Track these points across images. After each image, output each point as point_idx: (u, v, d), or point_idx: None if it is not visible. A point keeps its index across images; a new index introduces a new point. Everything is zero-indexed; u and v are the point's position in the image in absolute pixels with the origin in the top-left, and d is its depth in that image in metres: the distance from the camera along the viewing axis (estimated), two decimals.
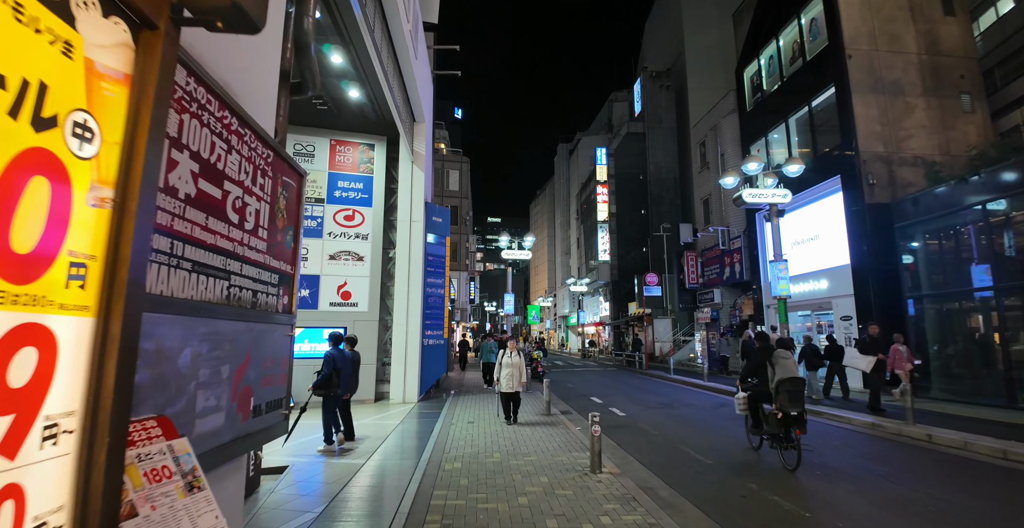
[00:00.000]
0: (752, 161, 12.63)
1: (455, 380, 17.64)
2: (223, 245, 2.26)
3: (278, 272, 2.85)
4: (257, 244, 2.60)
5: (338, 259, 11.92)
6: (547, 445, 7.18)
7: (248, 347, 2.48)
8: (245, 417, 2.48)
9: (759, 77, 18.94)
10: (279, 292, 2.86)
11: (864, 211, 13.86)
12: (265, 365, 2.68)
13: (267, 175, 2.71)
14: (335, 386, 7.11)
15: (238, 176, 2.41)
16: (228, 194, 2.33)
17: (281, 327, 2.89)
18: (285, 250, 2.96)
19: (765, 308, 18.12)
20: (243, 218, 2.46)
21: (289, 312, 3.01)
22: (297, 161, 10.55)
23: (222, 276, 2.25)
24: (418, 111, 12.08)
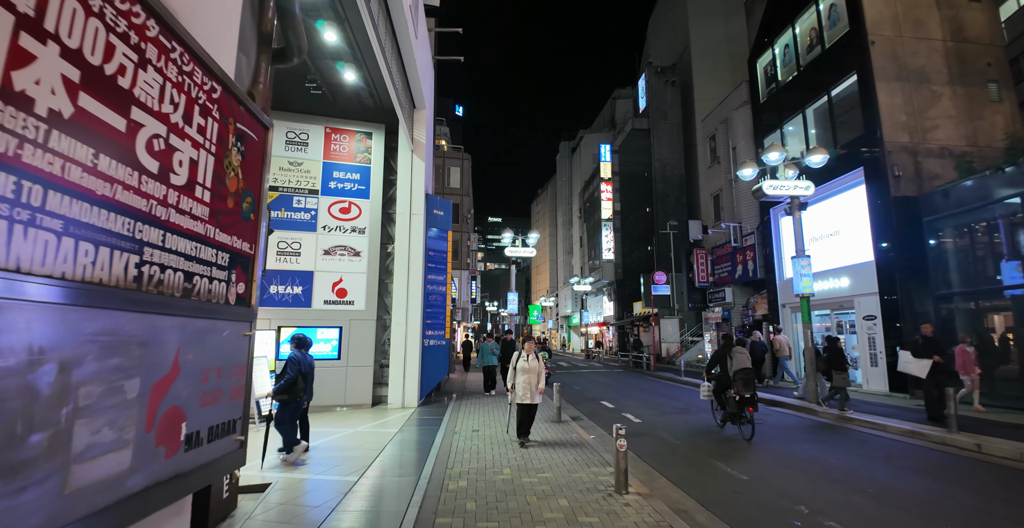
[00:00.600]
0: (773, 151, 11.89)
1: (457, 383, 16.89)
2: (128, 200, 1.52)
3: (229, 250, 2.11)
4: (193, 207, 1.86)
5: (333, 254, 11.18)
6: (562, 458, 6.43)
7: (175, 352, 1.74)
8: (172, 451, 1.75)
9: (773, 67, 18.19)
10: (230, 277, 2.12)
11: (890, 205, 13.11)
12: (206, 377, 1.94)
13: (211, 115, 1.97)
14: (300, 391, 6.41)
15: (158, 106, 1.66)
16: (139, 128, 1.58)
17: (233, 324, 2.15)
18: (240, 222, 2.22)
19: (780, 307, 17.37)
20: (168, 167, 1.71)
21: (246, 305, 2.27)
22: (291, 149, 9.59)
23: (127, 247, 1.51)
24: (418, 97, 11.34)
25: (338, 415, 9.99)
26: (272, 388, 6.41)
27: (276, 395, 6.33)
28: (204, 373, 1.93)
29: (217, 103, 2.02)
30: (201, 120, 1.91)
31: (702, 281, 22.34)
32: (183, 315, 1.78)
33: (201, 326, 1.90)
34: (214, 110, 1.99)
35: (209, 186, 1.96)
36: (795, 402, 11.46)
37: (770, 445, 7.64)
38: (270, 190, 11.01)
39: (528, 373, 7.19)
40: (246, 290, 2.26)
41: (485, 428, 8.37)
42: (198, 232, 1.88)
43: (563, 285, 57.09)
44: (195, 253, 1.87)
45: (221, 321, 2.04)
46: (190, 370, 1.84)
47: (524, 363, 7.29)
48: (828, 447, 7.59)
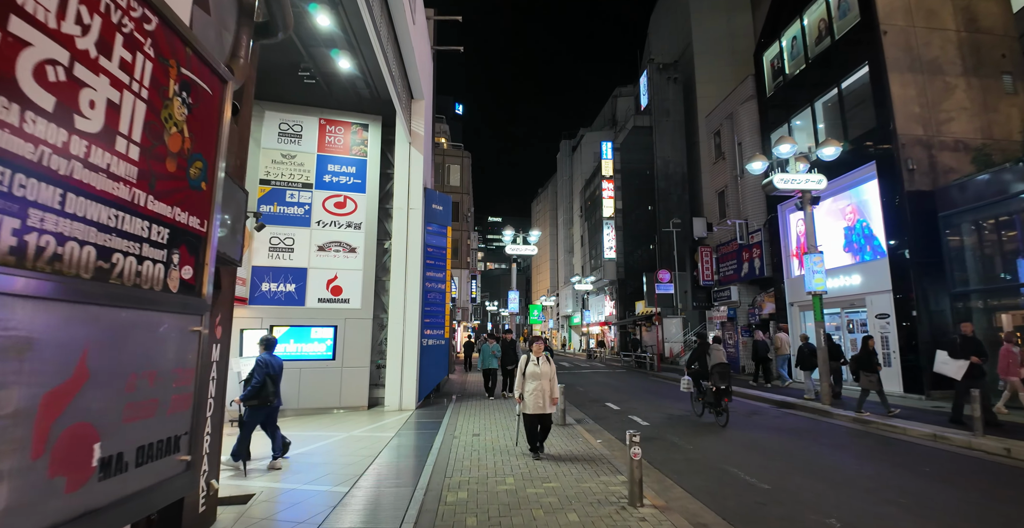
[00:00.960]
0: (784, 143, 11.46)
1: (457, 384, 16.47)
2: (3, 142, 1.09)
3: (168, 224, 1.68)
4: (113, 164, 1.43)
5: (328, 250, 10.76)
6: (569, 466, 6.01)
7: (81, 352, 1.32)
8: (78, 482, 1.33)
9: (780, 60, 17.76)
10: (169, 257, 1.69)
11: (904, 199, 12.68)
12: (133, 384, 1.51)
13: (141, 51, 1.55)
14: (271, 395, 6.02)
15: (56, 22, 1.24)
16: (23, 47, 1.16)
17: (174, 318, 1.73)
18: (187, 191, 1.80)
19: (788, 306, 16.94)
20: (71, 107, 1.29)
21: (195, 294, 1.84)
22: (284, 141, 8.88)
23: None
24: (416, 87, 10.92)
25: (332, 418, 9.56)
26: (240, 395, 6.02)
27: (246, 401, 5.94)
28: (129, 379, 1.51)
29: (152, 38, 1.59)
30: (126, 54, 1.48)
31: (707, 279, 21.90)
32: (94, 303, 1.35)
33: (124, 319, 1.47)
34: (146, 45, 1.56)
35: (138, 140, 1.54)
36: (807, 403, 11.04)
37: (788, 450, 7.22)
38: (261, 183, 10.59)
39: (539, 379, 6.32)
40: (195, 276, 1.83)
41: (486, 432, 7.94)
42: (120, 197, 1.46)
43: (564, 284, 56.67)
44: (115, 223, 1.44)
45: (155, 313, 1.61)
46: (106, 375, 1.41)
47: (533, 367, 6.38)
48: (848, 452, 7.17)
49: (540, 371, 6.36)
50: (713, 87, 30.02)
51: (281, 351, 10.21)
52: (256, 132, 10.72)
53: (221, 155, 2.02)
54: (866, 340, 9.98)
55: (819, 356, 11.30)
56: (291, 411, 10.06)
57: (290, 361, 10.15)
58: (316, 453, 6.71)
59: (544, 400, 6.29)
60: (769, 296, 18.38)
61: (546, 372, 6.40)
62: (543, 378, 6.35)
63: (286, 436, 6.34)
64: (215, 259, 1.99)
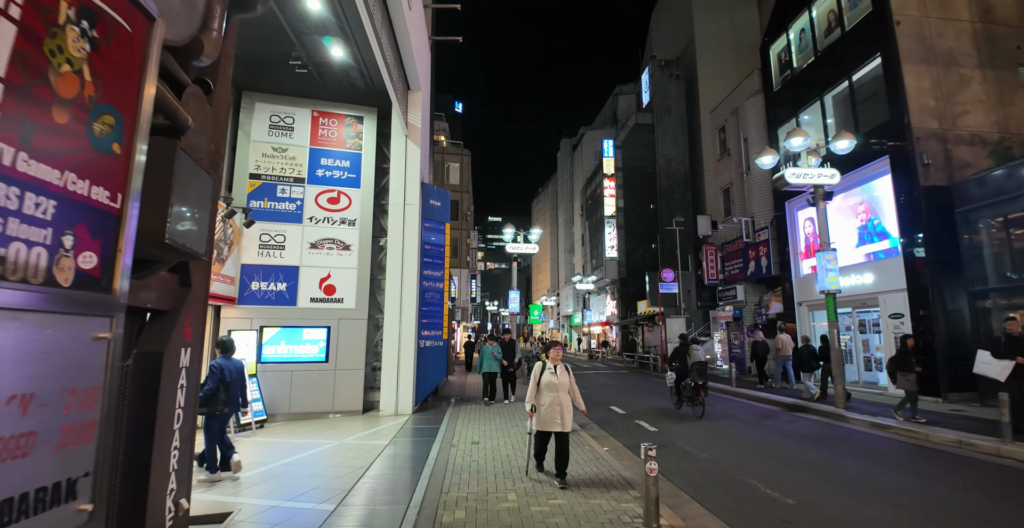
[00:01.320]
0: (796, 136, 11.02)
1: (456, 386, 16.02)
2: None
3: (55, 194, 1.23)
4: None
5: (321, 248, 10.31)
6: (575, 479, 5.55)
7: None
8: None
9: (788, 53, 17.31)
10: (57, 239, 1.24)
11: (919, 195, 12.23)
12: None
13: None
14: (222, 403, 5.60)
15: None
16: None
17: (65, 320, 1.28)
18: (89, 153, 1.35)
19: (796, 305, 16.49)
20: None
21: (103, 289, 1.39)
22: (275, 134, 8.16)
23: None
24: (413, 77, 10.47)
25: (325, 424, 9.12)
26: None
27: (197, 409, 5.49)
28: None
29: None
30: None
31: (712, 279, 21.44)
32: None
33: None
34: None
35: (2, 74, 1.09)
36: (819, 406, 10.59)
37: (808, 459, 6.77)
38: (251, 178, 10.14)
39: (555, 390, 5.41)
40: (101, 266, 1.39)
41: (486, 440, 7.48)
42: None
43: (564, 284, 56.23)
44: None
45: (28, 314, 1.16)
46: None
47: (550, 377, 5.48)
48: (872, 460, 6.72)
49: (558, 381, 5.45)
50: (716, 84, 29.62)
51: (272, 353, 9.79)
52: (246, 124, 10.27)
53: (145, 113, 1.57)
54: (904, 339, 9.41)
55: (833, 358, 10.87)
56: (282, 416, 9.62)
57: (281, 364, 9.74)
58: (304, 463, 6.26)
59: (561, 415, 5.35)
60: (776, 295, 17.94)
61: (564, 383, 5.49)
62: (560, 390, 5.45)
63: (236, 452, 5.87)
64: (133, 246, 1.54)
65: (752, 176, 19.21)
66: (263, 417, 9.08)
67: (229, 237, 9.52)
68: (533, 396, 5.53)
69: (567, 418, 5.39)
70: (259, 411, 9.05)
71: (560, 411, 5.36)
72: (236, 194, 10.02)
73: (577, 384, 5.77)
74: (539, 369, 5.63)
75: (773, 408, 11.39)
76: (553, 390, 5.44)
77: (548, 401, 5.41)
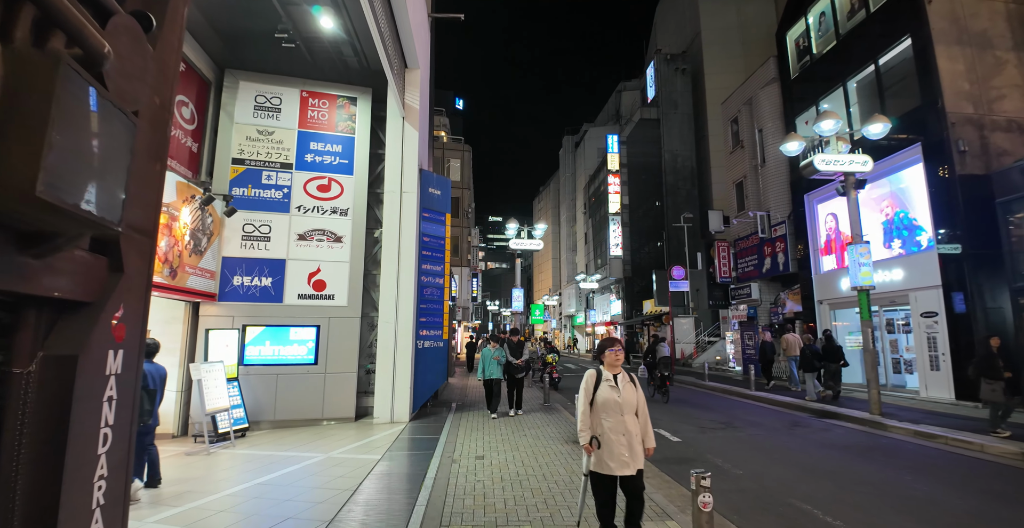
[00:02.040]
0: (827, 119, 10.16)
1: (457, 389, 15.16)
2: None
3: None
4: None
5: (310, 239, 9.46)
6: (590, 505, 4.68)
7: None
8: None
9: (806, 39, 16.45)
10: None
11: (955, 184, 11.37)
12: None
13: None
14: (147, 414, 4.78)
15: None
16: None
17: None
18: None
19: (816, 304, 15.62)
20: None
21: None
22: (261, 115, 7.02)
23: None
24: (411, 54, 9.62)
25: (312, 433, 8.26)
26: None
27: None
28: None
29: None
30: None
31: (724, 276, 20.56)
32: None
33: None
34: None
35: None
36: (855, 413, 9.72)
37: (859, 476, 5.91)
38: (234, 164, 9.29)
39: (620, 412, 3.61)
40: None
41: (492, 454, 6.61)
42: None
43: (566, 283, 55.37)
44: None
45: None
46: None
47: (609, 392, 3.66)
48: (935, 478, 5.85)
49: (622, 399, 3.63)
50: (723, 78, 28.86)
51: (256, 354, 8.93)
52: (229, 105, 9.42)
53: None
54: (988, 340, 8.08)
55: (867, 360, 10.01)
56: (266, 424, 8.76)
57: (266, 366, 8.89)
58: (281, 484, 5.39)
59: (631, 449, 3.54)
60: (794, 293, 17.07)
61: (630, 401, 3.65)
62: (626, 411, 3.61)
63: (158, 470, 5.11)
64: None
65: (767, 169, 18.35)
66: (244, 425, 8.22)
67: (209, 227, 8.67)
68: (587, 421, 3.66)
69: (638, 453, 3.58)
70: (240, 418, 8.19)
71: (628, 444, 3.54)
72: (218, 180, 9.17)
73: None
74: (591, 380, 3.75)
75: (800, 414, 10.52)
76: (616, 412, 3.59)
77: (609, 428, 3.58)
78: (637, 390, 3.75)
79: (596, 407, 3.66)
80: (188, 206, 8.04)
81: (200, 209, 8.29)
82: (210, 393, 7.38)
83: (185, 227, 7.98)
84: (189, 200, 8.06)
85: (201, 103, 9.12)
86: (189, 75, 8.75)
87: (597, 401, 3.67)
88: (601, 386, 3.70)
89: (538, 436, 7.73)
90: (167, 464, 6.46)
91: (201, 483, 5.46)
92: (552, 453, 6.60)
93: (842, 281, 14.51)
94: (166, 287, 7.49)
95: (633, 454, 3.56)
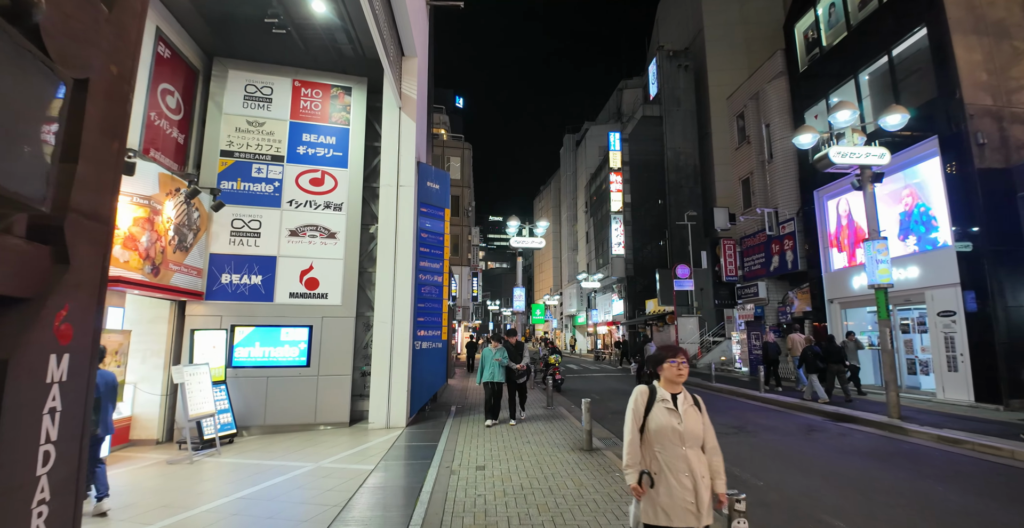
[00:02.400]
0: (843, 109, 9.74)
1: (457, 390, 14.74)
2: None
3: None
4: None
5: (302, 235, 9.03)
6: (612, 519, 4.26)
7: None
8: None
9: (815, 30, 16.02)
10: None
11: (974, 178, 10.95)
12: None
13: None
14: (92, 424, 4.36)
15: None
16: None
17: None
18: None
19: (827, 303, 15.18)
20: None
21: None
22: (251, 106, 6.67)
23: None
24: (408, 41, 9.19)
25: (304, 439, 7.84)
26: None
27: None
28: None
29: None
30: None
31: (730, 275, 20.12)
32: None
33: None
34: None
35: None
36: (872, 417, 9.29)
37: (887, 484, 5.48)
38: (222, 156, 8.86)
39: (680, 442, 2.70)
40: None
41: (494, 463, 6.18)
42: None
43: (567, 283, 54.94)
44: None
45: None
46: None
47: (666, 416, 2.76)
48: (971, 488, 5.42)
49: (684, 427, 2.71)
50: (726, 75, 28.48)
51: (245, 356, 8.51)
52: (217, 95, 9.00)
53: None
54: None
55: (885, 361, 9.58)
56: (256, 429, 8.34)
57: (255, 368, 8.46)
58: (264, 498, 4.96)
59: (696, 494, 2.64)
60: (803, 292, 16.64)
61: (694, 431, 2.72)
62: (688, 442, 2.70)
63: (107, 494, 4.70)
64: None
65: (775, 164, 17.91)
66: (232, 431, 7.79)
67: (195, 222, 8.24)
68: (637, 452, 2.75)
69: (706, 501, 2.65)
70: (228, 424, 7.77)
71: (693, 487, 2.64)
72: (205, 173, 8.75)
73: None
74: (642, 399, 2.84)
75: (815, 418, 10.10)
76: (675, 443, 2.69)
77: (666, 464, 2.67)
78: (702, 416, 2.79)
79: (648, 436, 2.75)
80: (172, 199, 7.61)
81: (185, 203, 7.87)
82: (194, 397, 6.95)
83: (169, 222, 7.55)
84: (173, 193, 7.63)
85: (188, 92, 8.69)
86: (175, 63, 8.32)
87: (650, 428, 2.74)
88: (655, 408, 2.77)
89: (542, 443, 7.30)
90: (147, 473, 6.04)
91: (178, 496, 5.03)
92: (558, 462, 6.17)
93: (854, 279, 14.08)
94: (148, 285, 7.06)
95: (700, 501, 2.61)
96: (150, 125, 7.63)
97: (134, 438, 7.76)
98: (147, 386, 7.91)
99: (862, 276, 13.46)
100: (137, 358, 7.86)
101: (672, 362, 2.85)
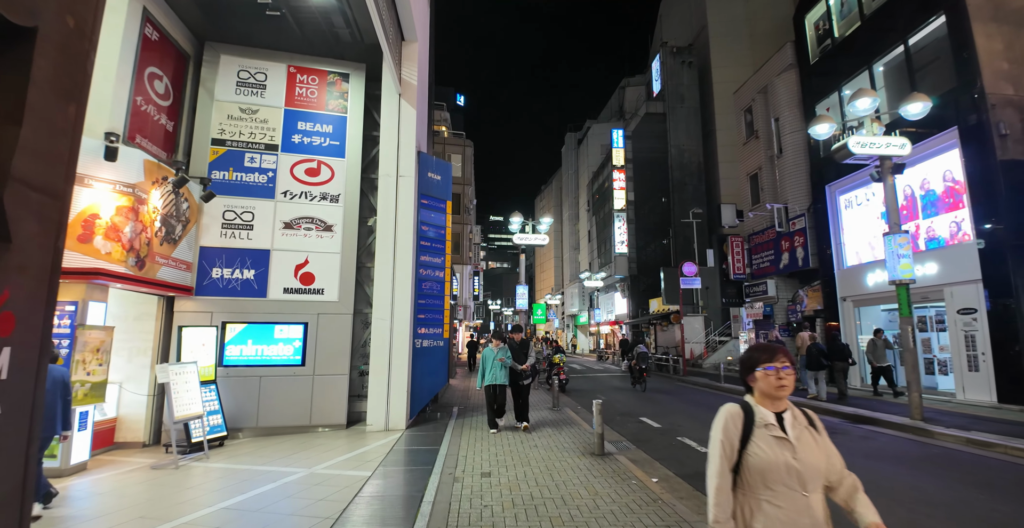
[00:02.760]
0: (863, 96, 9.32)
1: (459, 391, 14.32)
2: None
3: None
4: None
5: (297, 228, 8.62)
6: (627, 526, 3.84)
7: None
8: None
9: (827, 21, 15.59)
10: None
11: (996, 170, 10.53)
12: None
13: None
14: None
15: None
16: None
17: None
18: None
19: (840, 301, 14.74)
20: None
21: None
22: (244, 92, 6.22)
23: None
24: (408, 24, 8.78)
25: (298, 442, 7.42)
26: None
27: None
28: None
29: None
30: None
31: (738, 273, 19.68)
32: None
33: None
34: None
35: None
36: (895, 419, 8.88)
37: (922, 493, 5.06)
38: (214, 145, 8.45)
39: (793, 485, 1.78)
40: None
41: (500, 469, 5.75)
42: None
43: (569, 282, 54.51)
44: None
45: None
46: None
47: (777, 452, 1.81)
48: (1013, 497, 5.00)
49: (800, 461, 1.80)
50: (731, 71, 28.07)
51: (236, 354, 8.09)
52: (208, 81, 8.59)
53: None
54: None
55: (907, 360, 9.17)
56: (248, 431, 7.93)
57: (248, 367, 8.05)
58: (250, 509, 4.54)
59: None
60: (814, 290, 16.21)
61: (814, 464, 1.82)
62: (808, 483, 1.80)
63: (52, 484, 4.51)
64: None
65: (785, 159, 17.47)
66: (222, 433, 7.38)
67: (184, 213, 7.83)
68: (729, 502, 1.83)
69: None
70: (217, 426, 7.36)
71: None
72: (196, 162, 8.33)
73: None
74: (734, 422, 1.89)
75: (833, 420, 9.68)
76: (791, 485, 1.79)
77: (778, 518, 1.76)
78: (821, 438, 1.91)
79: (748, 475, 1.82)
80: (159, 188, 7.20)
81: (174, 192, 7.46)
82: (180, 398, 6.54)
83: (155, 212, 7.14)
84: (160, 182, 7.22)
85: (178, 78, 8.28)
86: (164, 46, 7.91)
87: (750, 465, 1.81)
88: (756, 436, 1.84)
89: (550, 447, 6.89)
90: (128, 479, 5.63)
91: (156, 506, 4.62)
92: (569, 468, 5.75)
93: (868, 276, 13.65)
94: (132, 278, 6.65)
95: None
96: (136, 110, 7.21)
97: (119, 440, 7.35)
98: (133, 386, 7.51)
99: (877, 273, 13.04)
100: (123, 356, 7.46)
101: (769, 368, 1.88)
